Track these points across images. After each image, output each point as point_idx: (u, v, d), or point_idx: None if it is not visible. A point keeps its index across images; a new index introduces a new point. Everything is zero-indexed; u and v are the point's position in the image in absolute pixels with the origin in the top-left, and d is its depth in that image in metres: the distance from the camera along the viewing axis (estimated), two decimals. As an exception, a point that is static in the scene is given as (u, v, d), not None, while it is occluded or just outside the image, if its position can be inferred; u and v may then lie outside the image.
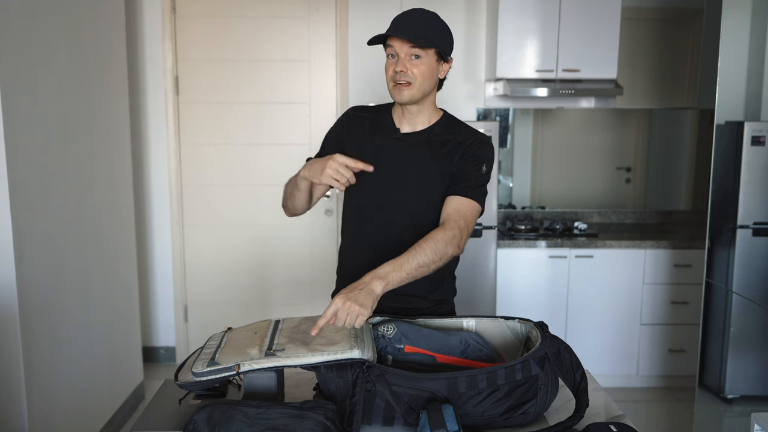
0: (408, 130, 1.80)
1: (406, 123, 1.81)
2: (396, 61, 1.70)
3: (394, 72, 1.70)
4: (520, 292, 3.74)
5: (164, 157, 4.01)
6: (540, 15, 3.68)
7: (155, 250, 4.10)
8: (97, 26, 3.06)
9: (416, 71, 1.69)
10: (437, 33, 1.71)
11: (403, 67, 1.68)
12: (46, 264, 2.52)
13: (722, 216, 3.00)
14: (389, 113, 1.85)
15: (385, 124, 1.83)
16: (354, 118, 1.88)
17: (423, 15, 1.72)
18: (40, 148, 2.50)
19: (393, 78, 1.71)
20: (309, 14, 3.96)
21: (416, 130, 1.80)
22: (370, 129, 1.83)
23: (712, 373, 3.10)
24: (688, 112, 4.26)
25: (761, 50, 3.04)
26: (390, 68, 1.71)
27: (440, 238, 1.62)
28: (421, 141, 1.79)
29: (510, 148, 4.24)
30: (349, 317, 1.42)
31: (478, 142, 1.78)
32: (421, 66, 1.69)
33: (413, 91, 1.71)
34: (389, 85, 1.74)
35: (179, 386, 1.43)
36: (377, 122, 1.84)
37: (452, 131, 1.80)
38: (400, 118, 1.81)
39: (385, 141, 1.80)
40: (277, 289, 4.14)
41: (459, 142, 1.77)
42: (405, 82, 1.69)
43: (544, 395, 1.39)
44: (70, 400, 2.72)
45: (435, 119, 1.81)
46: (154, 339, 4.17)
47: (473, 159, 1.76)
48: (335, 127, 1.91)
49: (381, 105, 1.90)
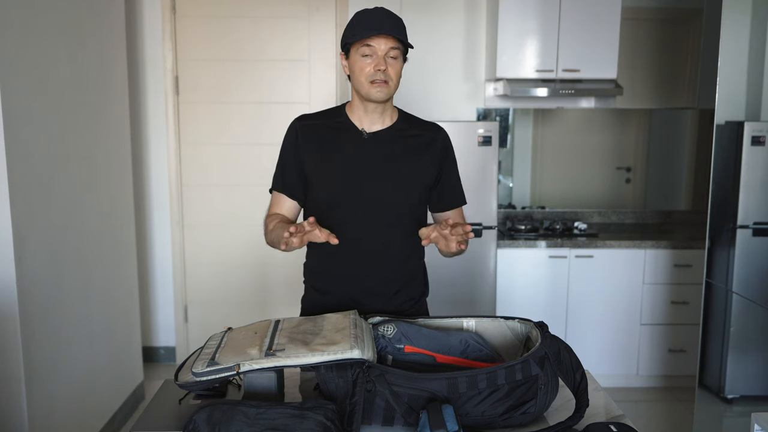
0: (371, 129, 1.81)
1: (368, 122, 1.81)
2: (375, 60, 1.70)
3: (375, 71, 1.70)
4: (520, 292, 3.74)
5: (164, 157, 4.01)
6: (540, 15, 3.68)
7: (155, 250, 4.10)
8: (97, 26, 3.06)
9: (392, 71, 1.72)
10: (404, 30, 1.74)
11: (384, 65, 1.70)
12: (46, 264, 2.52)
13: (722, 216, 3.00)
14: (344, 115, 1.83)
15: (344, 127, 1.82)
16: (305, 127, 1.84)
17: (391, 14, 1.73)
18: (40, 148, 2.50)
19: (371, 77, 1.70)
20: (309, 14, 3.96)
21: (381, 128, 1.81)
22: (328, 134, 1.81)
23: (712, 373, 3.10)
24: (688, 112, 4.26)
25: (761, 50, 3.04)
26: (367, 67, 1.71)
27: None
28: (390, 138, 1.81)
29: (510, 148, 4.24)
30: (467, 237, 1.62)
31: (446, 138, 1.87)
32: (396, 65, 1.72)
33: (389, 90, 1.73)
34: (364, 85, 1.73)
35: (179, 386, 1.43)
36: (335, 126, 1.82)
37: (413, 126, 1.85)
38: (360, 118, 1.81)
39: (353, 143, 1.80)
40: (277, 289, 4.14)
41: (431, 139, 1.84)
42: (383, 80, 1.70)
43: (544, 395, 1.39)
44: (70, 400, 2.72)
45: (395, 116, 1.84)
46: (154, 339, 4.17)
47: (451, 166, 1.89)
48: (287, 144, 1.87)
49: (328, 109, 1.89)
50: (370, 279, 1.82)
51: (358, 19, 1.73)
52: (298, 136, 1.83)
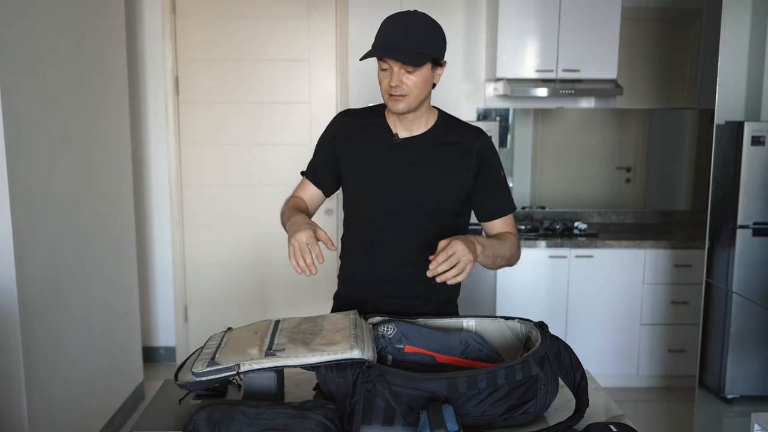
0: (406, 134, 1.77)
1: (402, 128, 1.77)
2: (390, 74, 1.65)
3: (389, 86, 1.65)
4: (520, 292, 3.74)
5: (164, 157, 4.01)
6: (540, 15, 3.68)
7: (155, 250, 4.10)
8: (97, 26, 3.06)
9: (411, 83, 1.65)
10: (430, 41, 1.65)
11: (398, 82, 1.64)
12: (46, 264, 2.52)
13: (722, 216, 3.00)
14: (383, 117, 1.80)
15: (380, 129, 1.79)
16: (345, 124, 1.83)
17: (413, 24, 1.64)
18: (40, 148, 2.50)
19: (388, 90, 1.66)
20: (309, 14, 3.96)
21: (415, 135, 1.77)
22: (364, 135, 1.79)
23: (712, 373, 3.10)
24: (688, 112, 4.26)
25: (761, 50, 3.04)
26: (384, 81, 1.67)
27: (515, 243, 1.77)
28: (423, 144, 1.76)
29: (510, 148, 4.24)
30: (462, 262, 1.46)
31: (486, 146, 1.78)
32: (416, 78, 1.65)
33: (410, 102, 1.67)
34: (384, 96, 1.69)
35: (179, 386, 1.43)
36: (371, 127, 1.80)
37: (453, 131, 1.78)
38: (395, 122, 1.77)
39: (384, 146, 1.77)
40: (277, 289, 4.14)
41: (469, 147, 1.76)
42: (400, 94, 1.65)
43: (544, 395, 1.39)
44: (70, 400, 2.72)
45: (432, 121, 1.79)
46: (154, 339, 4.17)
47: (494, 169, 1.79)
48: (325, 137, 1.85)
49: (371, 107, 1.85)
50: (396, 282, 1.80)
51: (379, 29, 1.67)
52: (337, 131, 1.82)
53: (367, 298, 1.80)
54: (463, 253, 1.47)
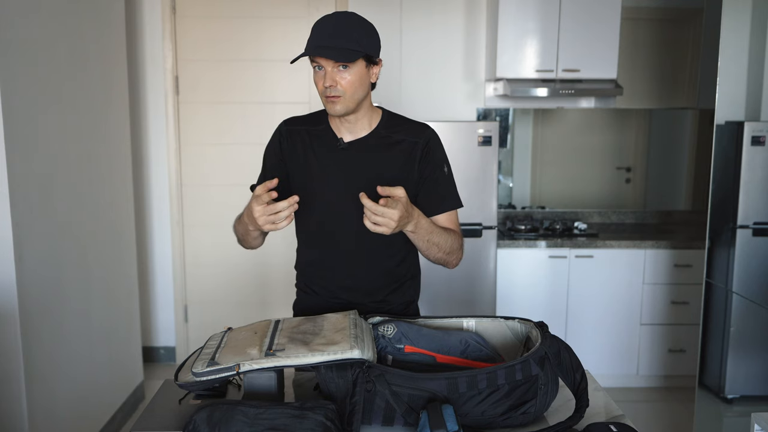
0: (350, 138, 1.75)
1: (346, 131, 1.75)
2: (323, 74, 1.63)
3: (324, 87, 1.63)
4: (520, 292, 3.74)
5: (164, 157, 4.02)
6: (540, 15, 3.68)
7: (155, 250, 4.10)
8: (97, 26, 3.06)
9: (345, 83, 1.63)
10: (361, 38, 1.63)
11: (331, 81, 1.62)
12: (46, 264, 2.52)
13: (722, 216, 3.00)
14: (326, 123, 1.78)
15: (324, 135, 1.77)
16: (290, 132, 1.79)
17: (344, 22, 1.64)
18: (40, 148, 2.50)
19: (324, 93, 1.64)
20: (309, 14, 3.96)
21: (359, 137, 1.75)
22: (310, 142, 1.77)
23: (712, 373, 3.10)
24: (688, 112, 4.26)
25: (761, 50, 3.04)
26: (319, 83, 1.65)
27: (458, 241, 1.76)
28: (368, 146, 1.74)
29: (510, 148, 4.24)
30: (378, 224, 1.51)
31: (429, 141, 1.76)
32: (349, 77, 1.62)
33: (346, 102, 1.65)
34: (322, 100, 1.67)
35: (179, 386, 1.43)
36: (316, 133, 1.78)
37: (397, 129, 1.77)
38: (338, 126, 1.75)
39: (329, 152, 1.75)
40: (277, 289, 4.14)
41: (413, 143, 1.75)
42: (335, 95, 1.63)
43: (544, 395, 1.39)
44: (70, 400, 2.72)
45: (376, 121, 1.77)
46: (154, 339, 4.17)
47: (435, 166, 1.76)
48: (272, 146, 1.83)
49: (315, 113, 1.83)
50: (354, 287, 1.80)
51: (311, 31, 1.65)
52: (282, 140, 1.80)
53: (327, 306, 1.79)
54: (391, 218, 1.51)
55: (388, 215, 1.51)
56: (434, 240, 1.69)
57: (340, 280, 1.80)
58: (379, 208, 1.50)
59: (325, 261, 1.81)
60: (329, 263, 1.80)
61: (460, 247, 1.77)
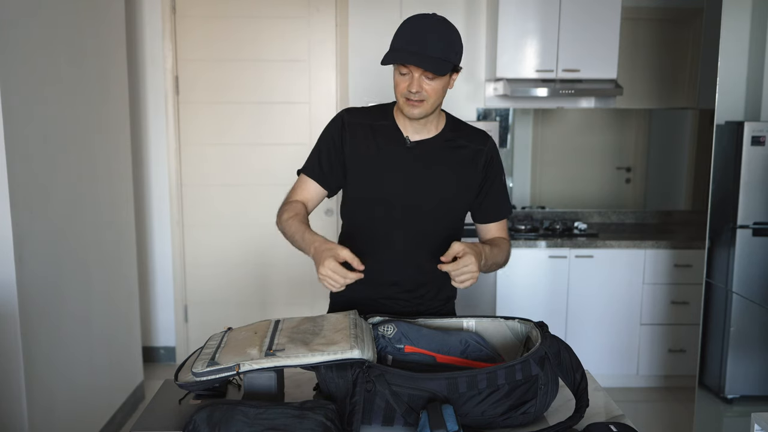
0: (417, 137, 1.76)
1: (413, 130, 1.76)
2: (409, 79, 1.63)
3: (408, 90, 1.63)
4: (520, 292, 3.74)
5: (164, 157, 4.02)
6: (540, 15, 3.68)
7: (155, 250, 4.10)
8: (96, 26, 3.06)
9: (430, 89, 1.64)
10: (452, 48, 1.64)
11: (418, 87, 1.62)
12: (46, 264, 2.52)
13: (722, 216, 3.00)
14: (391, 118, 1.78)
15: (390, 132, 1.77)
16: (352, 125, 1.78)
17: (437, 29, 1.62)
18: (40, 148, 2.50)
19: (405, 95, 1.65)
20: (309, 14, 3.96)
21: (426, 138, 1.77)
22: (374, 137, 1.77)
23: (712, 373, 3.10)
24: (688, 112, 4.26)
25: (761, 50, 3.04)
26: (402, 84, 1.65)
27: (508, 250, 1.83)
28: (435, 148, 1.76)
29: (510, 148, 4.24)
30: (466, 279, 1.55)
31: (493, 150, 1.82)
32: (435, 84, 1.64)
33: (426, 108, 1.66)
34: (400, 100, 1.68)
35: (179, 386, 1.43)
36: (380, 129, 1.78)
37: (461, 135, 1.80)
38: (404, 124, 1.76)
39: (395, 150, 1.75)
40: (277, 289, 4.14)
41: (477, 150, 1.78)
42: (419, 99, 1.64)
43: (544, 395, 1.39)
44: (70, 400, 2.72)
45: (442, 124, 1.79)
46: (154, 339, 4.17)
47: (496, 175, 1.83)
48: (331, 133, 1.80)
49: (377, 107, 1.83)
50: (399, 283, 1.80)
51: (399, 32, 1.63)
52: (345, 129, 1.78)
53: (369, 298, 1.79)
54: (473, 268, 1.55)
55: (469, 268, 1.55)
56: (495, 261, 1.74)
57: (387, 276, 1.79)
58: (460, 268, 1.54)
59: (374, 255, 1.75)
60: (377, 258, 1.76)
61: (509, 252, 1.84)
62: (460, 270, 1.54)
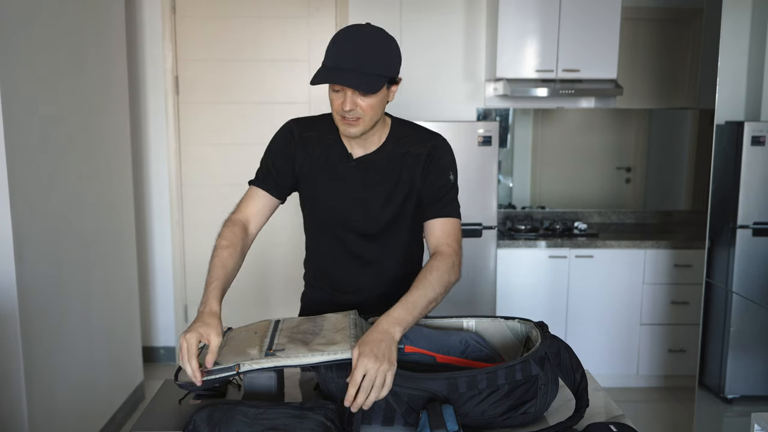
0: (360, 153, 1.71)
1: (356, 144, 1.70)
2: (342, 96, 1.54)
3: (342, 108, 1.54)
4: (520, 292, 3.74)
5: (164, 157, 4.01)
6: (540, 15, 3.68)
7: (155, 249, 4.10)
8: (97, 26, 3.06)
9: (366, 106, 1.54)
10: (386, 61, 1.54)
11: (352, 105, 1.53)
12: (46, 264, 2.52)
13: (722, 216, 3.00)
14: (336, 133, 1.70)
15: (335, 147, 1.71)
16: (303, 137, 1.73)
17: (367, 42, 1.52)
18: (40, 148, 2.50)
19: (340, 113, 1.56)
20: (309, 14, 3.96)
21: (369, 152, 1.71)
22: (321, 151, 1.72)
23: (712, 373, 3.10)
24: (688, 112, 4.26)
25: (761, 50, 3.04)
26: (336, 102, 1.55)
27: (443, 269, 1.56)
28: (375, 162, 1.71)
29: (510, 148, 4.24)
30: (378, 379, 1.28)
31: (437, 149, 1.70)
32: (371, 100, 1.54)
33: (364, 125, 1.58)
34: (336, 118, 1.59)
35: (179, 386, 1.43)
36: (326, 143, 1.72)
37: (405, 140, 1.71)
38: (349, 140, 1.70)
39: (340, 166, 1.71)
40: (277, 289, 4.14)
41: (417, 155, 1.69)
42: (355, 117, 1.56)
43: (544, 395, 1.39)
44: (70, 400, 2.72)
45: (385, 134, 1.71)
46: (154, 339, 4.17)
47: (439, 171, 1.69)
48: (281, 143, 1.75)
49: (323, 118, 1.74)
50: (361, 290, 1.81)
51: (330, 46, 1.53)
52: (295, 142, 1.74)
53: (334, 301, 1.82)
54: (374, 370, 1.29)
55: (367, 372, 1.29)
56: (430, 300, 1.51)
57: (347, 284, 1.81)
58: (351, 389, 1.29)
59: (332, 269, 1.82)
60: (335, 271, 1.82)
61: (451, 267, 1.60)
62: (363, 388, 1.29)
